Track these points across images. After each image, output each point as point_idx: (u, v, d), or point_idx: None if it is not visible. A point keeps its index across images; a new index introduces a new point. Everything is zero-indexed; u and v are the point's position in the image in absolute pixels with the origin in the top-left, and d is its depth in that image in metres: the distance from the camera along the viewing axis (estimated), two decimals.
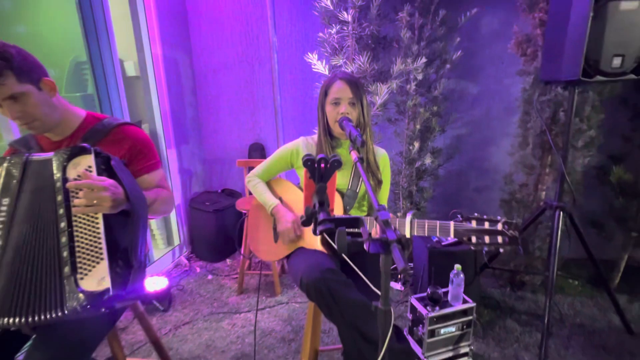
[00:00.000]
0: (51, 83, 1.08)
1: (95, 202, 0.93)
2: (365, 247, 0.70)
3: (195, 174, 2.96)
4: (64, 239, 0.94)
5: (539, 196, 2.11)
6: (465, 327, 1.66)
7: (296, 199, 1.43)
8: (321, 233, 0.76)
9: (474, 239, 1.04)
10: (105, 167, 1.01)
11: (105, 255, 0.94)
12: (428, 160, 2.20)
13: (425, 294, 1.69)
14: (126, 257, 1.01)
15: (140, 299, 1.19)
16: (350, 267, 1.08)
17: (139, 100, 2.58)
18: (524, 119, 2.07)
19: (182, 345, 1.90)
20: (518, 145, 2.16)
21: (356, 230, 0.77)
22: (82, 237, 0.95)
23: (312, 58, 2.34)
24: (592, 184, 2.26)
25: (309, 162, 0.82)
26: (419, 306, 1.65)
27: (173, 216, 2.77)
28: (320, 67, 2.32)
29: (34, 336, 1.04)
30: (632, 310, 2.02)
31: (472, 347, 1.71)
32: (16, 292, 0.92)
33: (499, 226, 1.02)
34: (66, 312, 0.90)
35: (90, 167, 0.97)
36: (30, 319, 0.90)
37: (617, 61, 1.37)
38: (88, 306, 0.91)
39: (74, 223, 0.95)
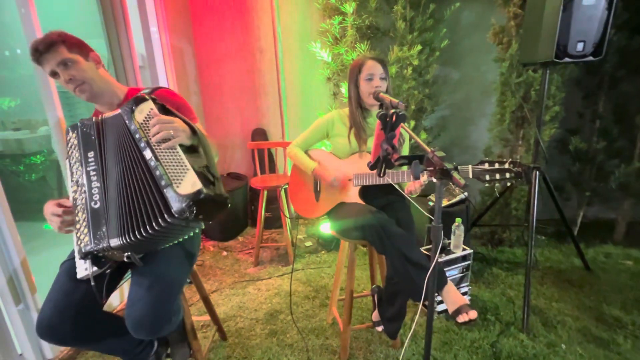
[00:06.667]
0: (96, 56, 1.29)
1: (171, 132, 1.08)
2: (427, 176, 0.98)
3: None
4: (152, 163, 1.07)
5: None
6: (464, 270, 1.99)
7: (330, 161, 1.64)
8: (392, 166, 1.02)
9: (487, 177, 1.28)
10: (163, 111, 1.17)
11: (189, 167, 1.07)
12: (423, 136, 2.52)
13: None
14: (208, 171, 1.14)
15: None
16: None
17: None
18: (501, 98, 2.44)
19: (216, 309, 2.07)
20: (496, 121, 2.53)
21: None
22: (166, 161, 1.08)
23: (315, 47, 2.57)
24: (552, 154, 2.70)
25: (383, 116, 1.04)
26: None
27: None
28: (323, 55, 2.56)
29: (134, 276, 1.20)
30: (587, 254, 2.47)
31: (470, 288, 2.05)
32: (128, 215, 1.06)
33: (507, 165, 1.26)
34: (175, 215, 1.02)
35: (152, 109, 1.14)
36: (144, 232, 1.04)
37: (580, 46, 1.71)
38: (191, 203, 1.02)
39: (157, 152, 1.08)
